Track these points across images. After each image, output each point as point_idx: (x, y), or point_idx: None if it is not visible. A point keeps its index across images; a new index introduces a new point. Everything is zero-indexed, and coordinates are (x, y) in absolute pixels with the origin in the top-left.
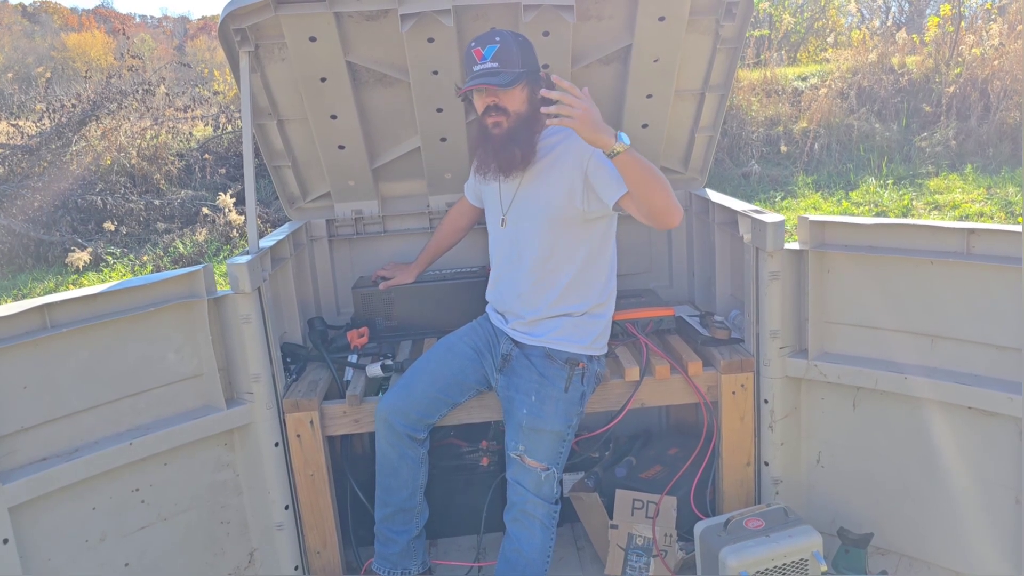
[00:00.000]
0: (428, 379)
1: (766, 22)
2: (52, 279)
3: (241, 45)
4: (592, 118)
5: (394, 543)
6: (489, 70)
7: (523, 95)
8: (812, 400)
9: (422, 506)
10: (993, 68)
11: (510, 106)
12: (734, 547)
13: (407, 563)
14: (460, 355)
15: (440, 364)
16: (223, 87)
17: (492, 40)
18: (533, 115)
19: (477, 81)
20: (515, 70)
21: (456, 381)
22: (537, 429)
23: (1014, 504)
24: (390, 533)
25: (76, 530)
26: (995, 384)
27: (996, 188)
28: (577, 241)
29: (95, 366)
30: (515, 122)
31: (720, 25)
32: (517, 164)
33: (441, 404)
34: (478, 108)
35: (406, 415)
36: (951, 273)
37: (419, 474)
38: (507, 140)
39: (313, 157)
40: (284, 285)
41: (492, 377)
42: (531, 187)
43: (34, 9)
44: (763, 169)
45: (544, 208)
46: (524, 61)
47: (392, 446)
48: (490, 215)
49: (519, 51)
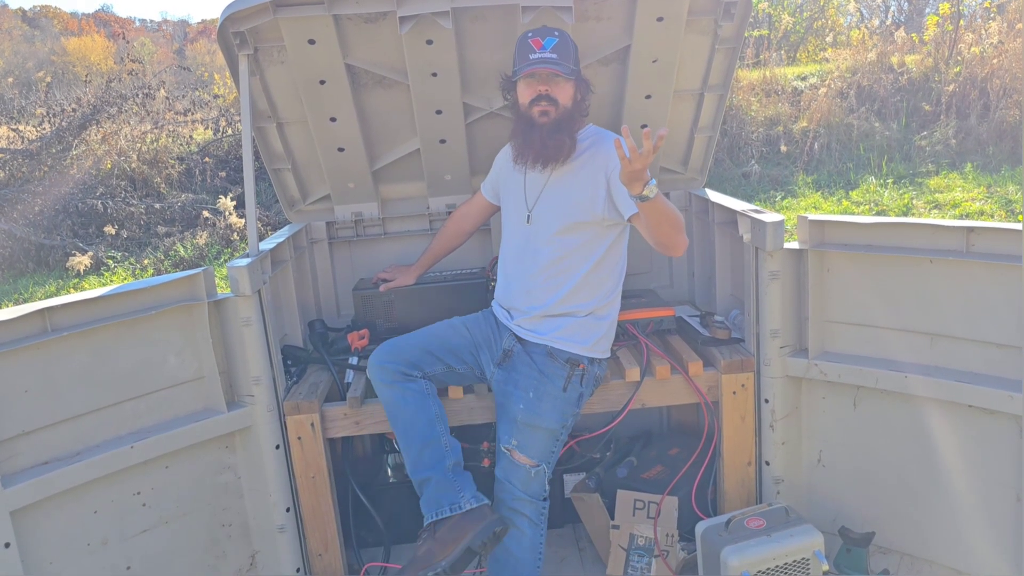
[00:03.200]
0: (418, 337)
1: (765, 22)
2: (53, 283)
3: (240, 48)
4: (638, 174)
5: (431, 482)
6: (550, 59)
7: (571, 91)
8: (813, 399)
9: (449, 440)
10: (992, 67)
11: (560, 98)
12: (736, 547)
13: (454, 497)
14: (456, 330)
15: (434, 329)
16: (223, 90)
17: (551, 34)
18: (576, 114)
19: (539, 65)
20: (571, 65)
21: (447, 346)
22: (532, 425)
23: (1014, 502)
24: (425, 473)
25: (78, 533)
26: (995, 382)
27: (996, 186)
28: (593, 243)
29: (96, 369)
30: (562, 114)
31: (719, 25)
32: (563, 154)
33: (432, 360)
34: (526, 97)
35: (395, 358)
36: (951, 272)
37: (428, 405)
38: (555, 129)
39: (313, 160)
40: (284, 288)
41: (488, 370)
42: (558, 186)
43: (34, 14)
44: (763, 169)
45: (569, 209)
46: (575, 61)
47: (389, 386)
48: (510, 211)
49: (573, 51)
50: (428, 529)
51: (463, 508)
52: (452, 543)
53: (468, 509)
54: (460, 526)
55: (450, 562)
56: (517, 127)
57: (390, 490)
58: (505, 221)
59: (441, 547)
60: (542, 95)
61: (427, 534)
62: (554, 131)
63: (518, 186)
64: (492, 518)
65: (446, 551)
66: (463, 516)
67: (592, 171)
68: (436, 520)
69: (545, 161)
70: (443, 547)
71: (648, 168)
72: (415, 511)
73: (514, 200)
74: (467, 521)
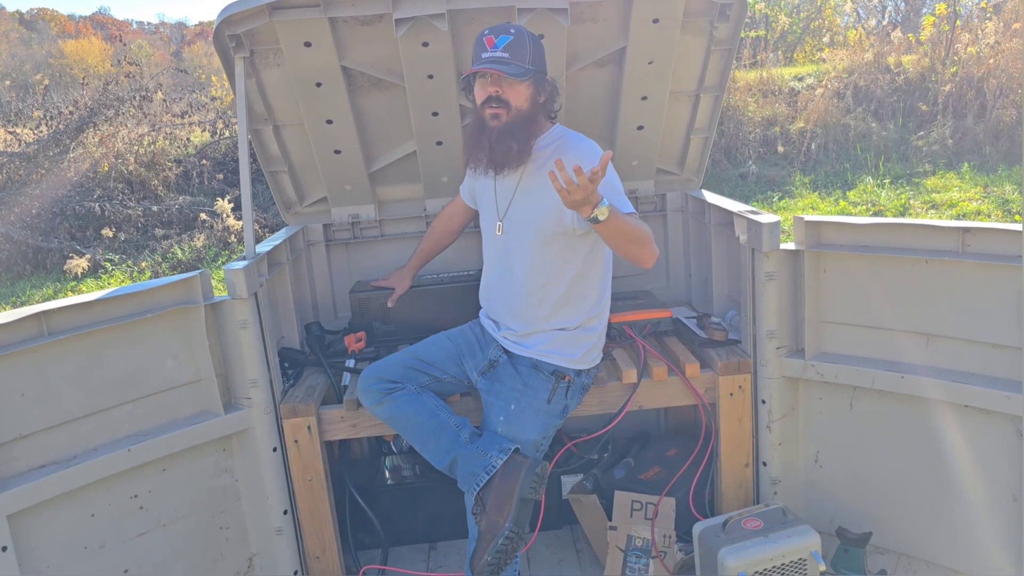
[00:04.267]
0: (399, 356)
1: (762, 22)
2: (50, 286)
3: (236, 51)
4: (581, 202)
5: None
6: (499, 58)
7: (527, 92)
8: (809, 400)
9: (456, 419)
10: (989, 67)
11: (513, 100)
12: (733, 548)
13: (484, 461)
14: (438, 344)
15: (414, 348)
16: (220, 92)
17: (506, 31)
18: (533, 116)
19: (484, 65)
20: (525, 65)
21: (429, 360)
22: (511, 437)
23: (1011, 502)
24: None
25: (75, 537)
26: (991, 382)
27: (993, 186)
28: (568, 257)
29: (93, 373)
30: (514, 117)
31: (714, 27)
32: (511, 159)
33: (415, 374)
34: (478, 97)
35: (378, 378)
36: (946, 272)
37: (424, 400)
38: (504, 133)
39: (309, 162)
40: (281, 290)
41: (473, 378)
42: (526, 195)
43: (31, 16)
44: (760, 169)
45: (539, 221)
46: (534, 59)
47: (380, 404)
48: (485, 218)
49: (531, 48)
50: (477, 504)
51: (496, 466)
52: (505, 503)
53: (502, 464)
54: (504, 484)
55: (513, 520)
56: (472, 129)
57: (387, 492)
58: (483, 226)
59: (497, 512)
60: (492, 96)
61: (479, 509)
62: (503, 135)
63: (489, 191)
64: (528, 461)
65: (503, 513)
66: (501, 474)
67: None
68: (480, 491)
69: (494, 167)
70: (499, 511)
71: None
72: (412, 513)
73: (487, 206)
74: (507, 476)
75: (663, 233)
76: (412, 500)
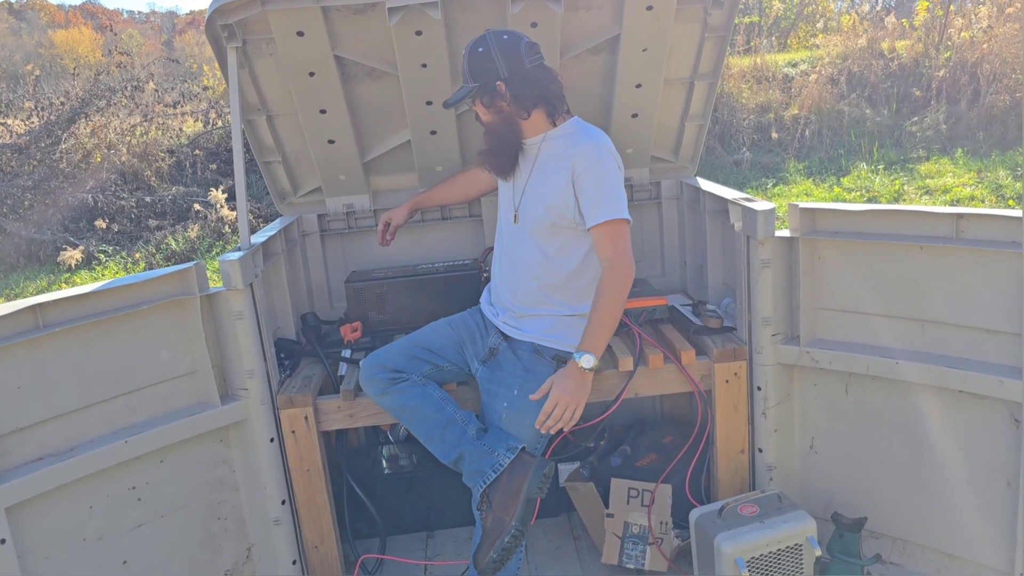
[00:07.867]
0: (400, 344)
1: (756, 9)
2: (44, 278)
3: (229, 41)
4: (568, 412)
5: (464, 456)
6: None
7: (482, 108)
8: (805, 387)
9: (463, 414)
10: (982, 52)
11: (482, 117)
12: (729, 534)
13: (491, 459)
14: (438, 331)
15: (415, 335)
16: (212, 82)
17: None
18: (507, 123)
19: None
20: (468, 85)
21: (431, 347)
22: (516, 423)
23: (1005, 487)
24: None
25: (73, 529)
26: (985, 368)
27: (986, 172)
28: (573, 247)
29: (89, 365)
30: (490, 131)
31: (708, 13)
32: (504, 170)
33: (417, 362)
34: None
35: (380, 367)
36: (941, 258)
37: (429, 392)
38: (491, 148)
39: (303, 152)
40: (277, 281)
41: (473, 367)
42: (536, 187)
43: (20, 6)
44: (754, 156)
45: (547, 212)
46: (474, 73)
47: (384, 394)
48: (502, 206)
49: (467, 65)
50: (483, 501)
51: (504, 465)
52: (512, 502)
53: (509, 463)
54: (510, 483)
55: (518, 519)
56: None
57: (385, 482)
58: (499, 215)
59: (503, 510)
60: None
61: (485, 506)
62: (490, 150)
63: (508, 182)
64: (536, 461)
65: (509, 512)
66: (508, 472)
67: (562, 174)
68: (486, 488)
69: (499, 174)
70: (505, 509)
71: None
72: (410, 503)
73: (505, 196)
74: (514, 475)
75: (658, 221)
76: (409, 489)
